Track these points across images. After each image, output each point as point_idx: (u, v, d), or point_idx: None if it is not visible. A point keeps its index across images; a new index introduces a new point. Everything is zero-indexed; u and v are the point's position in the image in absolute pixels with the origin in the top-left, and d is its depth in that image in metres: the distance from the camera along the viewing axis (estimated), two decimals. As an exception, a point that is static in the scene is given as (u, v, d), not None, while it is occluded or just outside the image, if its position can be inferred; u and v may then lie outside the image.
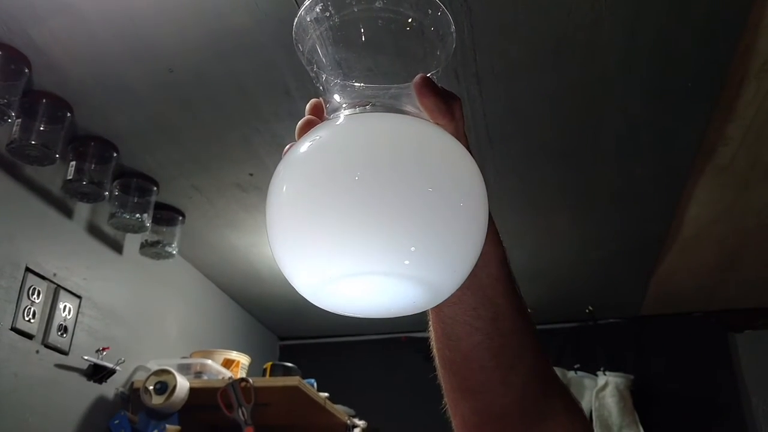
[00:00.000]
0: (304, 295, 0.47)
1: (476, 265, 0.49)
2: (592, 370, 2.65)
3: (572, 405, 0.64)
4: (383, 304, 0.48)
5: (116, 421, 1.79)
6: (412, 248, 0.42)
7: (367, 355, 3.01)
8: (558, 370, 2.59)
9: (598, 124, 1.61)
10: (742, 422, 2.64)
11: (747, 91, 1.53)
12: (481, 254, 0.49)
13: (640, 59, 1.41)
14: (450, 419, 0.63)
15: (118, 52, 1.38)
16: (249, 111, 1.55)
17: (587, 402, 2.58)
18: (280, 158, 0.48)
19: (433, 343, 0.61)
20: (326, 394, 2.14)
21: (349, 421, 2.33)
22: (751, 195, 1.96)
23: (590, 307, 2.72)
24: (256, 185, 1.85)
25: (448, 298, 0.49)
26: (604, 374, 2.59)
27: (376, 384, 2.91)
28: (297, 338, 3.12)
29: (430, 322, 0.60)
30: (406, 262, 0.42)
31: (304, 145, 0.46)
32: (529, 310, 0.60)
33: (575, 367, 2.68)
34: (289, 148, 0.49)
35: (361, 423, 2.42)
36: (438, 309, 0.56)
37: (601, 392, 2.56)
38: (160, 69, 1.43)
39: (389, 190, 0.42)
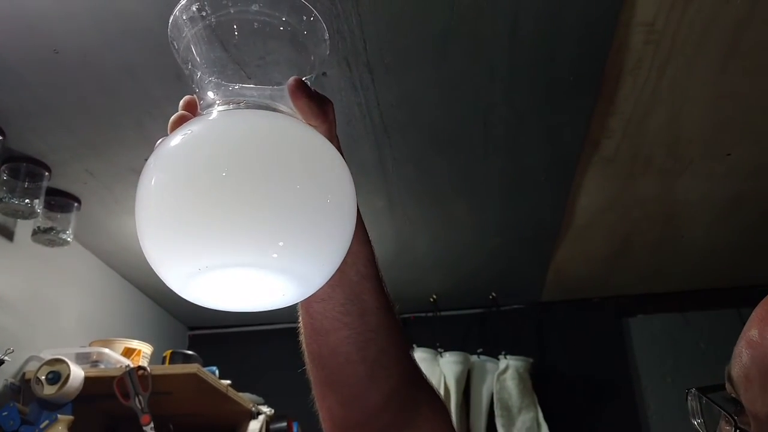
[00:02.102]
0: (173, 289, 0.47)
1: (345, 263, 0.51)
2: (495, 355, 2.75)
3: (434, 396, 0.68)
4: (253, 298, 0.49)
5: (4, 413, 1.73)
6: (280, 243, 0.43)
7: (278, 344, 2.99)
8: (461, 354, 2.68)
9: (488, 114, 1.67)
10: (632, 401, 2.80)
11: (624, 86, 1.63)
12: (350, 252, 0.51)
13: (524, 52, 1.48)
14: (317, 412, 0.66)
15: (-1, 30, 1.34)
16: (140, 95, 1.53)
17: (489, 385, 2.67)
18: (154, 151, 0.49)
19: (302, 338, 0.63)
20: (228, 382, 2.14)
21: (254, 409, 2.34)
22: (635, 186, 2.08)
23: (493, 294, 2.81)
24: (153, 171, 1.82)
25: (318, 294, 0.52)
26: (505, 358, 2.69)
27: (287, 372, 2.89)
28: (206, 328, 3.09)
29: (300, 318, 0.62)
30: (274, 255, 0.44)
31: (175, 139, 0.47)
32: (395, 307, 0.63)
33: (478, 351, 2.77)
34: (161, 142, 0.50)
35: (267, 410, 2.43)
36: (307, 305, 0.59)
37: (502, 375, 2.66)
38: (44, 49, 1.39)
39: (256, 186, 0.43)
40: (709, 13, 1.40)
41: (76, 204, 1.95)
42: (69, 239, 1.93)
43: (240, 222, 0.43)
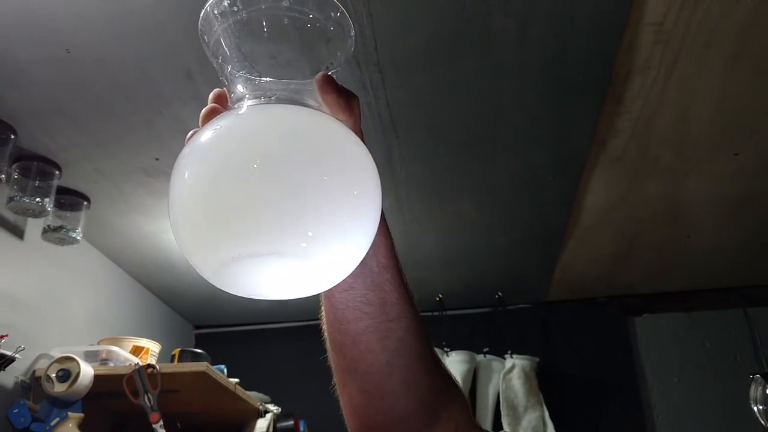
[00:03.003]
0: (204, 277, 0.49)
1: (367, 255, 0.52)
2: (501, 354, 2.76)
3: (453, 385, 0.69)
4: (281, 287, 0.50)
5: (15, 410, 1.74)
6: (309, 233, 0.45)
7: (284, 343, 3.03)
8: (467, 354, 2.69)
9: (497, 113, 1.68)
10: (637, 400, 2.80)
11: (633, 86, 1.63)
12: (372, 244, 0.52)
13: (533, 52, 1.48)
14: (338, 398, 0.67)
15: (10, 30, 1.35)
16: (151, 94, 1.54)
17: (495, 384, 2.68)
18: (184, 143, 0.50)
19: (324, 327, 0.64)
20: (236, 380, 2.15)
21: (261, 407, 2.34)
22: (642, 185, 2.08)
23: (500, 293, 2.82)
24: (162, 170, 1.83)
25: (340, 284, 0.53)
26: (511, 357, 2.70)
27: (294, 370, 2.93)
28: (213, 326, 3.10)
29: (322, 307, 0.63)
30: (303, 244, 0.45)
31: (207, 133, 0.48)
32: (414, 298, 0.64)
33: (484, 350, 2.78)
34: (191, 135, 0.51)
35: (274, 409, 2.44)
36: (330, 294, 0.60)
37: (508, 374, 2.66)
38: (56, 49, 1.40)
39: (286, 178, 0.44)
40: (719, 12, 1.41)
41: (85, 203, 1.96)
42: (78, 238, 1.94)
43: (270, 212, 0.44)
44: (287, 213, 0.44)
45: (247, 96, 0.52)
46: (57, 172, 1.80)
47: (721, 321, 2.87)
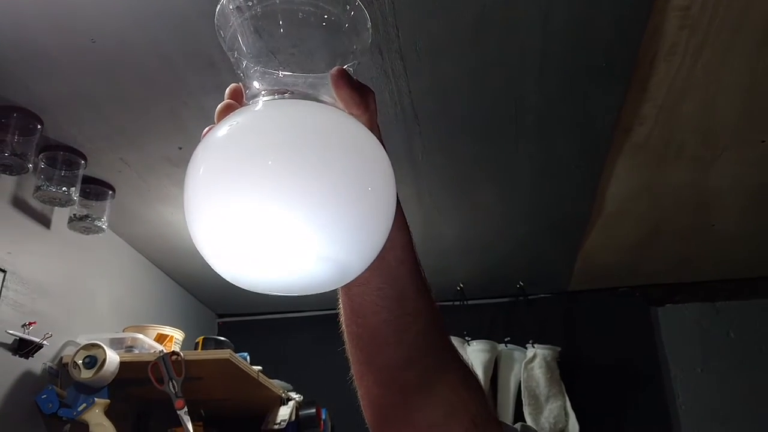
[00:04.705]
0: (219, 273, 0.49)
1: (384, 248, 0.52)
2: (522, 343, 2.75)
3: (471, 377, 0.68)
4: (295, 283, 0.50)
5: (43, 396, 1.78)
6: (324, 230, 0.45)
7: (306, 332, 3.05)
8: (488, 343, 2.69)
9: (519, 101, 1.67)
10: (660, 390, 2.79)
11: (657, 72, 1.61)
12: (389, 238, 0.52)
13: (556, 39, 1.47)
14: (356, 389, 0.67)
15: (38, 20, 1.36)
16: (175, 84, 1.55)
17: (516, 373, 2.68)
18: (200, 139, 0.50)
19: (342, 320, 0.64)
20: (259, 368, 2.17)
21: (283, 395, 2.37)
22: (666, 173, 2.06)
23: (521, 282, 2.81)
24: (186, 160, 1.83)
25: (357, 278, 0.52)
26: (533, 347, 2.69)
27: (316, 359, 2.94)
28: (236, 315, 3.13)
29: (340, 300, 0.63)
30: (317, 242, 0.45)
31: (222, 129, 0.49)
32: (432, 291, 0.64)
33: (505, 339, 2.77)
34: (207, 131, 0.51)
35: (296, 396, 2.46)
36: (347, 288, 0.60)
37: (530, 364, 2.66)
38: (82, 39, 1.41)
39: (300, 175, 0.45)
40: (746, -3, 1.39)
41: (110, 192, 1.98)
42: (104, 227, 1.96)
43: (283, 210, 0.44)
44: (301, 211, 0.44)
45: (263, 91, 0.52)
46: (82, 162, 1.82)
47: (745, 311, 2.84)
